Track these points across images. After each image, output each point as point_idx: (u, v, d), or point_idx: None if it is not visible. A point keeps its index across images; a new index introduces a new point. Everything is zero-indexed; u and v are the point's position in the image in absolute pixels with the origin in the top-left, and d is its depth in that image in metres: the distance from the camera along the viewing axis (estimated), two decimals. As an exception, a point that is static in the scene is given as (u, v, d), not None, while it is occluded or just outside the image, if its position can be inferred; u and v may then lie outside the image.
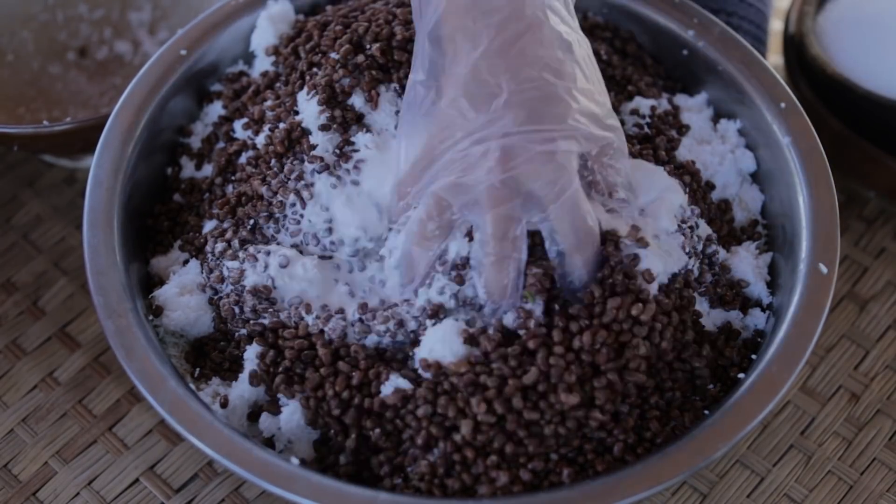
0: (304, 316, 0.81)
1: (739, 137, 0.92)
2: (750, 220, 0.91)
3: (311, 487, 0.74)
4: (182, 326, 0.84)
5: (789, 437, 0.92)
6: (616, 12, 0.97)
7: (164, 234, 0.89)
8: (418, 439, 0.76)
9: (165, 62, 0.91)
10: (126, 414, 0.93)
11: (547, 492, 0.74)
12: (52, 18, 1.09)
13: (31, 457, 0.91)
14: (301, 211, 0.83)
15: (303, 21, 0.93)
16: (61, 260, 1.01)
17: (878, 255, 1.03)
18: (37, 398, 0.94)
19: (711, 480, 0.90)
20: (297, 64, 0.90)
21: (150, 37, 1.11)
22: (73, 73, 1.09)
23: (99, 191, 0.85)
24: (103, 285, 0.81)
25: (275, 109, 0.89)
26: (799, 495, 0.90)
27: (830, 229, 0.84)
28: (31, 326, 0.97)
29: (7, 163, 1.07)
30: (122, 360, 0.78)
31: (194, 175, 0.92)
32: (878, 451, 0.92)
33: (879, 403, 0.94)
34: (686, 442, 0.76)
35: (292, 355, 0.80)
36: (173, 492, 0.89)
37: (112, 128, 0.88)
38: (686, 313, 0.81)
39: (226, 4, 0.94)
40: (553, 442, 0.75)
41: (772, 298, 0.86)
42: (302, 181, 0.83)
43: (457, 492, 0.76)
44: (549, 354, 0.76)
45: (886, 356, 0.97)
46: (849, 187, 1.05)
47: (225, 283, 0.83)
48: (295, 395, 0.79)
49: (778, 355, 0.79)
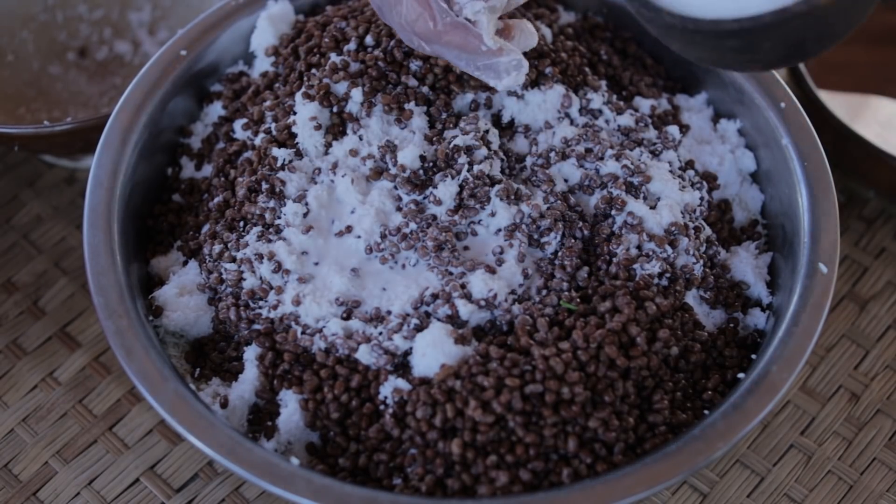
0: (295, 326, 0.81)
1: (739, 137, 0.92)
2: (750, 220, 0.91)
3: (311, 487, 0.74)
4: (182, 327, 0.84)
5: (789, 437, 0.92)
6: (616, 12, 0.97)
7: (163, 235, 0.90)
8: (417, 440, 0.76)
9: (165, 62, 0.91)
10: (126, 414, 0.93)
11: (547, 492, 0.75)
12: (52, 19, 1.10)
13: (32, 457, 0.91)
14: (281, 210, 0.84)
15: (303, 21, 0.94)
16: (61, 260, 1.01)
17: (878, 255, 1.03)
18: (37, 398, 0.94)
19: (711, 480, 0.90)
20: (297, 65, 0.90)
21: (150, 37, 1.11)
22: (73, 73, 1.09)
23: (99, 191, 0.85)
24: (103, 285, 0.81)
25: (273, 110, 0.89)
26: (799, 495, 0.90)
27: (830, 229, 0.84)
28: (32, 326, 0.97)
29: (7, 163, 1.07)
30: (122, 360, 0.78)
31: (194, 175, 0.92)
32: (878, 451, 0.92)
33: (879, 403, 0.94)
34: (686, 442, 0.76)
35: (291, 357, 0.80)
36: (173, 492, 0.89)
37: (112, 128, 0.88)
38: (686, 313, 0.81)
39: (226, 4, 0.94)
40: (553, 442, 0.75)
41: (772, 298, 0.86)
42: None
43: (457, 492, 0.76)
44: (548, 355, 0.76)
45: (886, 356, 0.97)
46: (849, 187, 1.05)
47: (224, 285, 0.83)
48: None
49: (778, 355, 0.79)
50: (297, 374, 0.80)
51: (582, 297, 0.81)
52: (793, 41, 0.68)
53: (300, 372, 0.80)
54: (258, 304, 0.82)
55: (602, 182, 0.84)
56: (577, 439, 0.76)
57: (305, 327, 0.80)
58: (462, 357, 0.77)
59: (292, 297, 0.81)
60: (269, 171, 0.86)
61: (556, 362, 0.75)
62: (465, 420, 0.75)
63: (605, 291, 0.80)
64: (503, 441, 0.76)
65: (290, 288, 0.81)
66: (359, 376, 0.78)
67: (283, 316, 0.81)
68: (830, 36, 0.70)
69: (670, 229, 0.82)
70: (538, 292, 0.81)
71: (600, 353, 0.77)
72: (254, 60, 0.95)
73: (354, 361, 0.79)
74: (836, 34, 0.70)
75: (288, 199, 0.85)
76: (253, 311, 0.82)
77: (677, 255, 0.82)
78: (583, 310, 0.79)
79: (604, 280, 0.81)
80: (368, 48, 0.88)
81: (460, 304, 0.79)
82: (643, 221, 0.82)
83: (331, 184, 0.85)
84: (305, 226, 0.84)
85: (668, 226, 0.82)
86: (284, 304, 0.81)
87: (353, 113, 0.87)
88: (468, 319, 0.79)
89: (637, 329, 0.78)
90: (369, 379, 0.78)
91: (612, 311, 0.79)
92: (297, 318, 0.81)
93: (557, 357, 0.76)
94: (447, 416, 0.75)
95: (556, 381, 0.75)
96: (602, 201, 0.83)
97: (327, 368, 0.79)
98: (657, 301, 0.79)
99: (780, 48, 0.69)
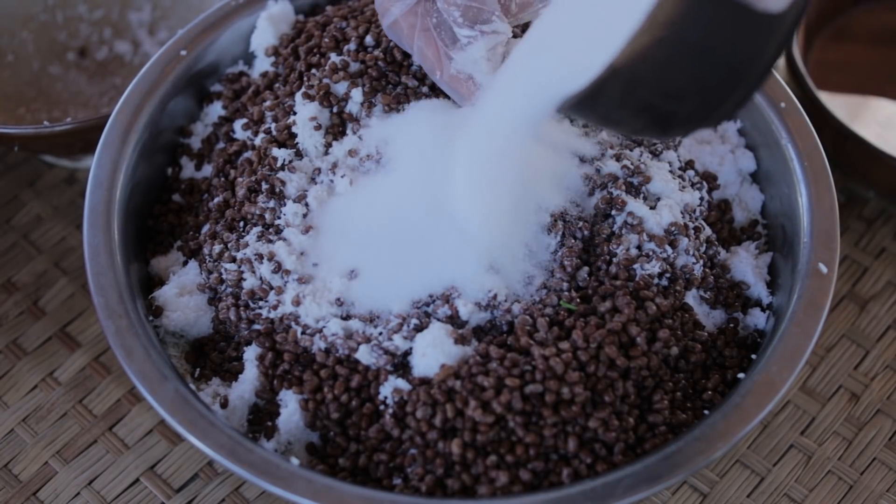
0: (295, 326, 0.81)
1: (739, 137, 0.92)
2: (750, 220, 0.91)
3: (311, 487, 0.74)
4: (182, 327, 0.84)
5: (789, 437, 0.92)
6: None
7: (163, 235, 0.90)
8: (417, 440, 0.76)
9: (165, 62, 0.91)
10: (126, 414, 0.93)
11: (547, 492, 0.75)
12: (52, 19, 1.10)
13: (32, 457, 0.91)
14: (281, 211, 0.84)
15: (303, 21, 0.94)
16: (61, 260, 1.01)
17: (878, 255, 1.03)
18: (37, 398, 0.94)
19: (711, 480, 0.90)
20: (297, 65, 0.90)
21: (150, 37, 1.11)
22: (73, 73, 1.09)
23: (99, 191, 0.85)
24: (103, 285, 0.81)
25: (273, 110, 0.89)
26: (799, 495, 0.90)
27: (830, 229, 0.84)
28: (32, 326, 0.97)
29: (7, 163, 1.07)
30: (122, 360, 0.78)
31: (194, 175, 0.92)
32: (878, 451, 0.92)
33: (879, 403, 0.94)
34: (686, 442, 0.76)
35: (291, 357, 0.80)
36: (174, 492, 0.89)
37: (112, 128, 0.88)
38: (686, 314, 0.81)
39: (226, 4, 0.94)
40: (553, 442, 0.75)
41: (772, 298, 0.86)
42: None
43: (457, 492, 0.76)
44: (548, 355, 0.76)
45: (886, 356, 0.97)
46: (849, 187, 1.05)
47: (224, 286, 0.83)
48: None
49: (778, 355, 0.79)
50: (297, 374, 0.80)
51: (582, 297, 0.81)
52: (631, 104, 0.66)
53: (300, 372, 0.80)
54: (258, 305, 0.82)
55: (602, 182, 0.84)
56: (577, 439, 0.76)
57: (305, 327, 0.80)
58: (462, 357, 0.77)
59: (292, 297, 0.81)
60: (269, 171, 0.86)
61: (556, 362, 0.75)
62: (465, 420, 0.75)
63: (605, 291, 0.80)
64: (503, 441, 0.76)
65: (290, 288, 0.81)
66: (359, 376, 0.78)
67: (283, 316, 0.81)
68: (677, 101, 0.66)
69: (670, 229, 0.82)
70: (538, 292, 0.81)
71: (600, 353, 0.77)
72: (254, 60, 0.95)
73: (354, 361, 0.79)
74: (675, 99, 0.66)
75: (288, 199, 0.85)
76: (253, 312, 0.82)
77: (677, 255, 0.82)
78: (583, 310, 0.79)
79: (604, 280, 0.81)
80: (368, 48, 0.88)
81: (460, 304, 0.79)
82: (643, 221, 0.82)
83: (331, 184, 0.85)
84: (305, 226, 0.84)
85: (668, 226, 0.82)
86: (284, 305, 0.81)
87: (353, 113, 0.87)
88: (468, 319, 0.79)
89: (637, 329, 0.78)
90: (369, 379, 0.78)
91: (612, 311, 0.79)
92: (297, 319, 0.81)
93: (557, 357, 0.76)
94: (447, 416, 0.75)
95: (556, 381, 0.75)
96: (602, 201, 0.83)
97: (327, 368, 0.79)
98: (657, 301, 0.79)
99: (629, 112, 0.67)
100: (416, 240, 0.81)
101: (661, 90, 0.65)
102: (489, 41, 0.80)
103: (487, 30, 0.79)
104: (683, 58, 0.63)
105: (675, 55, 0.63)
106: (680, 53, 0.63)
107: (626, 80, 0.63)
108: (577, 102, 0.65)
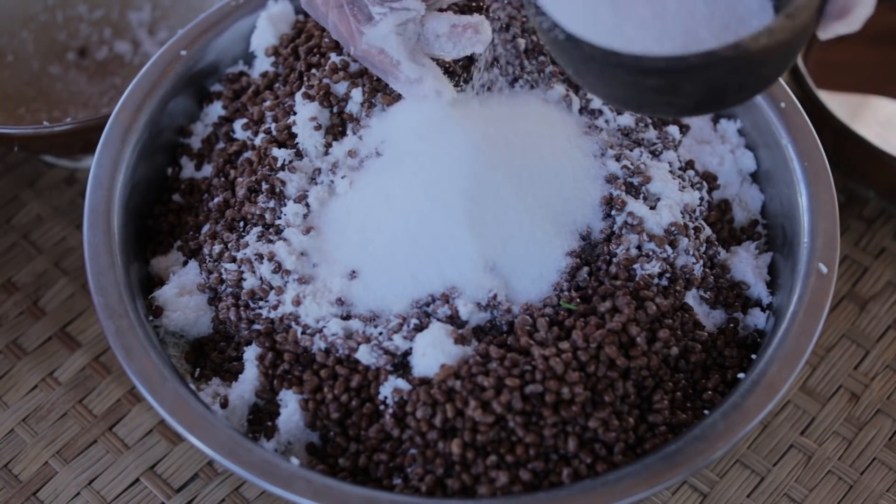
0: (295, 326, 0.81)
1: (739, 137, 0.92)
2: (750, 220, 0.91)
3: (311, 487, 0.74)
4: (182, 327, 0.84)
5: (789, 437, 0.92)
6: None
7: (163, 235, 0.90)
8: (417, 440, 0.76)
9: (165, 62, 0.91)
10: (126, 414, 0.93)
11: (547, 492, 0.75)
12: (52, 19, 1.10)
13: (32, 457, 0.91)
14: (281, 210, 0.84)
15: (303, 21, 0.94)
16: (61, 260, 1.01)
17: (878, 255, 1.03)
18: (37, 398, 0.94)
19: (711, 480, 0.90)
20: (297, 65, 0.90)
21: (150, 37, 1.11)
22: (73, 73, 1.09)
23: (99, 191, 0.85)
24: (103, 285, 0.81)
25: (273, 110, 0.89)
26: (799, 495, 0.90)
27: (830, 229, 0.84)
28: (32, 326, 0.97)
29: (7, 163, 1.07)
30: (122, 360, 0.78)
31: (194, 175, 0.92)
32: (878, 451, 0.92)
33: (879, 403, 0.94)
34: (686, 442, 0.76)
35: (291, 357, 0.80)
36: (174, 492, 0.89)
37: (112, 128, 0.88)
38: (686, 314, 0.81)
39: (226, 4, 0.94)
40: (553, 442, 0.75)
41: (772, 298, 0.86)
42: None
43: (457, 492, 0.76)
44: (548, 355, 0.76)
45: (886, 356, 0.97)
46: (849, 187, 1.05)
47: (224, 286, 0.83)
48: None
49: (778, 355, 0.79)
50: (297, 374, 0.80)
51: (582, 297, 0.81)
52: (715, 86, 0.65)
53: (300, 372, 0.80)
54: (258, 305, 0.82)
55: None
56: (577, 439, 0.76)
57: (305, 327, 0.80)
58: (462, 357, 0.77)
59: (292, 297, 0.81)
60: (270, 171, 0.86)
61: (556, 362, 0.75)
62: (465, 420, 0.75)
63: (605, 291, 0.80)
64: (503, 441, 0.76)
65: (290, 288, 0.81)
66: (359, 376, 0.78)
67: (284, 316, 0.81)
68: (753, 85, 0.67)
69: (670, 229, 0.82)
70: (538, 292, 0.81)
71: (600, 353, 0.77)
72: (254, 60, 0.95)
73: (354, 361, 0.79)
74: (758, 84, 0.67)
75: (288, 199, 0.85)
76: (253, 312, 0.82)
77: (677, 255, 0.82)
78: (583, 310, 0.79)
79: (604, 280, 0.81)
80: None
81: (460, 304, 0.79)
82: (643, 221, 0.82)
83: (331, 184, 0.85)
84: (306, 226, 0.84)
85: (668, 226, 0.82)
86: (284, 305, 0.81)
87: (353, 113, 0.87)
88: (468, 319, 0.79)
89: (637, 329, 0.78)
90: (369, 379, 0.78)
91: (612, 311, 0.79)
92: (297, 319, 0.81)
93: (557, 357, 0.76)
94: (447, 416, 0.75)
95: (556, 381, 0.75)
96: (602, 201, 0.83)
97: (327, 368, 0.79)
98: (657, 301, 0.79)
99: (700, 93, 0.66)
100: (416, 240, 0.81)
101: (717, 87, 0.66)
102: (398, 17, 0.80)
103: (398, 6, 0.80)
104: (754, 67, 0.65)
105: (755, 63, 0.64)
106: (761, 62, 0.64)
107: (704, 69, 0.63)
108: (664, 65, 0.63)
